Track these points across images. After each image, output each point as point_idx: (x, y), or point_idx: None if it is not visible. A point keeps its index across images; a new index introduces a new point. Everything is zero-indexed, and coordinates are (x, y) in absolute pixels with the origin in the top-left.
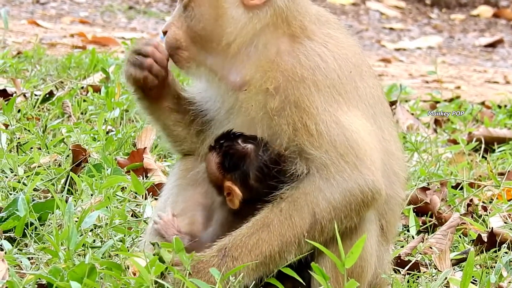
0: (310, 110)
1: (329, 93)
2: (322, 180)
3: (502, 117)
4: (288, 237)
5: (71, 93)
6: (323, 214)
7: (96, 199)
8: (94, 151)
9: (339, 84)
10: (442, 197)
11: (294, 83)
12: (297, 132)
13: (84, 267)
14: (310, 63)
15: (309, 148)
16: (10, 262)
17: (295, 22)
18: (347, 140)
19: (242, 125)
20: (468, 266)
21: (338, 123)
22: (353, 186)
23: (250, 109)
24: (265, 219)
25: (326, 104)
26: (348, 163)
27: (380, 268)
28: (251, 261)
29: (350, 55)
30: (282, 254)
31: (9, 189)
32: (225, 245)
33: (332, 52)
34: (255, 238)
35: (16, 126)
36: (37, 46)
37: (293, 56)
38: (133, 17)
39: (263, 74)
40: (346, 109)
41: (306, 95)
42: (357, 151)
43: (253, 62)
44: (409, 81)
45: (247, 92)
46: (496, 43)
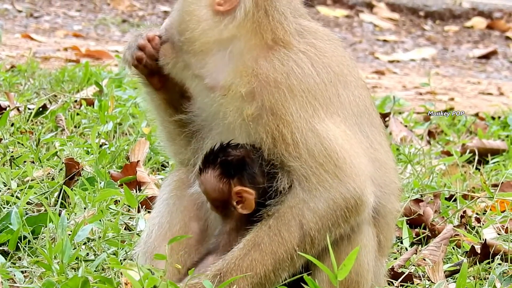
0: (286, 117)
1: (304, 98)
2: (304, 192)
3: (496, 128)
4: (280, 254)
5: (65, 106)
6: (311, 225)
7: (89, 212)
8: (88, 164)
9: (315, 89)
10: (435, 209)
11: (269, 88)
12: (275, 141)
13: (78, 280)
14: (285, 68)
15: (288, 160)
16: (4, 275)
17: (271, 34)
18: (325, 149)
19: (223, 132)
20: (461, 277)
21: (314, 131)
22: (335, 195)
23: (229, 115)
24: (256, 238)
25: (301, 110)
26: (328, 172)
27: (375, 282)
28: (247, 284)
29: (333, 64)
30: (277, 272)
31: (2, 202)
32: (219, 270)
33: (310, 59)
34: (248, 260)
35: (10, 140)
36: (30, 60)
37: (268, 61)
38: (127, 31)
39: (240, 79)
40: (323, 115)
41: (280, 101)
42: (336, 160)
43: (230, 68)
44: (402, 93)
45: (225, 97)
46: (490, 55)
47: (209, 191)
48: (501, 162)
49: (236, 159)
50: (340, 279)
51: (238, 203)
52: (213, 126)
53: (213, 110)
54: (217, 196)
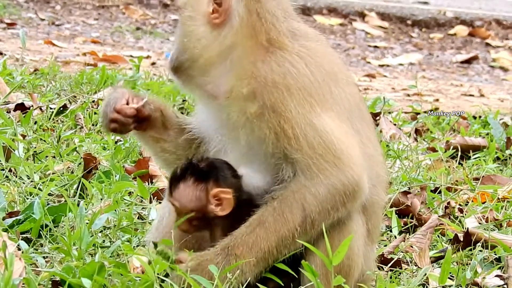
0: (286, 114)
1: (301, 95)
2: (307, 179)
3: (477, 127)
4: (283, 233)
5: (83, 106)
6: (312, 208)
7: (106, 203)
8: (104, 159)
9: (310, 87)
10: (422, 200)
11: (268, 88)
12: (278, 136)
13: (94, 265)
14: (281, 69)
15: (291, 152)
16: (27, 260)
17: (266, 36)
18: (323, 141)
19: (229, 133)
20: (445, 263)
21: (312, 125)
22: (334, 182)
23: (233, 115)
24: (261, 217)
25: (299, 107)
26: (328, 162)
27: (366, 266)
28: (252, 258)
29: (324, 63)
30: (279, 249)
31: (26, 194)
32: (227, 244)
33: (304, 59)
34: (253, 236)
35: (33, 137)
36: (52, 64)
37: (266, 64)
38: (140, 37)
39: (240, 82)
40: (319, 111)
41: (280, 100)
42: (334, 151)
43: (231, 74)
44: (392, 94)
45: (229, 98)
46: (472, 60)
47: (185, 204)
48: (482, 157)
49: (207, 165)
50: (335, 264)
51: (217, 206)
52: (217, 131)
53: (218, 114)
54: (194, 205)
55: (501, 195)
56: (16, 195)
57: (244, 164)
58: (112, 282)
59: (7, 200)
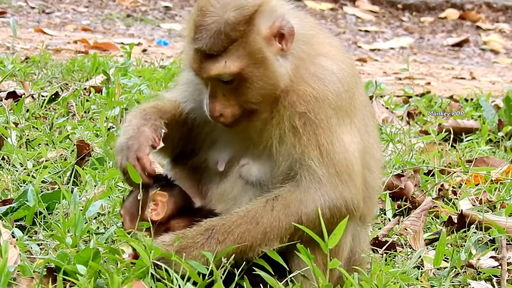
0: (321, 124)
1: (334, 107)
2: (316, 192)
3: (469, 109)
4: (272, 235)
5: (75, 93)
6: (308, 223)
7: (99, 189)
8: (97, 146)
9: (342, 100)
10: (415, 183)
11: (308, 98)
12: (307, 144)
13: (89, 251)
14: (319, 81)
15: (311, 161)
16: (21, 248)
17: (307, 52)
18: (345, 160)
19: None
20: (440, 245)
21: (340, 142)
22: (341, 203)
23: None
24: (256, 213)
25: (333, 118)
26: (341, 181)
27: (358, 247)
28: (233, 247)
29: (351, 71)
30: (262, 247)
31: (19, 181)
32: (213, 226)
33: (336, 75)
34: (242, 228)
35: (25, 125)
36: (43, 52)
37: (306, 76)
38: (131, 24)
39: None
40: (348, 124)
41: (317, 110)
42: (351, 172)
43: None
44: (383, 78)
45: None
46: (462, 43)
47: (130, 211)
48: (474, 140)
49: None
50: (330, 247)
51: (152, 211)
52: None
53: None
54: (135, 209)
55: (494, 177)
56: (9, 182)
57: (247, 156)
58: (107, 268)
59: (1, 188)
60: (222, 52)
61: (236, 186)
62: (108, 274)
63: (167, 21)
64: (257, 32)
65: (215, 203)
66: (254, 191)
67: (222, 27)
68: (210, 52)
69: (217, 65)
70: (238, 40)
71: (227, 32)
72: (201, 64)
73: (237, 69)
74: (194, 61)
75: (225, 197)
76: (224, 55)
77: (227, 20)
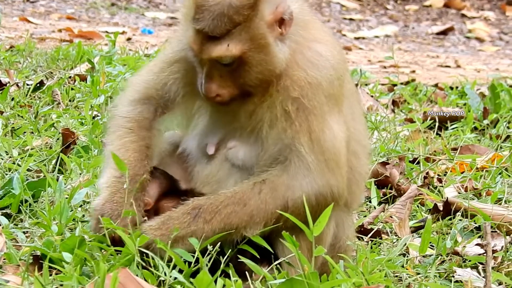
0: (314, 111)
1: (327, 94)
2: (304, 179)
3: (454, 97)
4: (258, 218)
5: (60, 82)
6: (294, 209)
7: (85, 177)
8: (82, 134)
9: (333, 87)
10: (400, 171)
11: (302, 84)
12: (298, 129)
13: (75, 239)
14: (313, 68)
15: (301, 147)
16: (7, 236)
17: (304, 37)
18: (334, 148)
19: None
20: (426, 232)
21: (330, 129)
22: (327, 191)
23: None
24: (243, 195)
25: (325, 106)
26: (329, 169)
27: (343, 234)
28: (219, 228)
29: (340, 58)
30: (248, 230)
31: (4, 169)
32: (200, 205)
33: (329, 61)
34: (229, 209)
35: (10, 113)
36: (28, 41)
37: (301, 61)
38: (115, 13)
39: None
40: (337, 112)
41: (310, 96)
42: (338, 160)
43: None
44: (368, 66)
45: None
46: (447, 31)
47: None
48: (460, 128)
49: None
50: (315, 234)
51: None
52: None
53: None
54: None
55: (479, 164)
56: None
57: (235, 138)
58: (93, 256)
59: None
60: (224, 35)
61: (222, 169)
62: (94, 262)
63: (152, 9)
64: (261, 17)
65: (200, 185)
66: (239, 174)
67: (226, 10)
68: (212, 34)
69: (219, 47)
70: (242, 24)
71: (230, 15)
72: (202, 45)
73: (239, 53)
74: (194, 41)
75: (210, 179)
76: (227, 38)
77: (231, 3)
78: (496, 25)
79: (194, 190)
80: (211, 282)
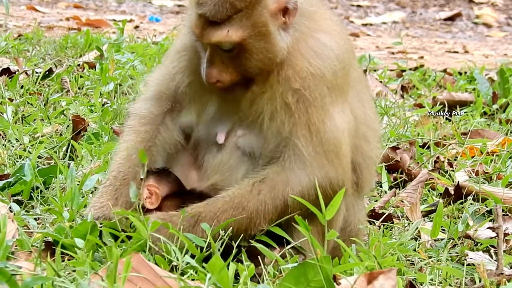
0: (314, 102)
1: (329, 85)
2: (302, 172)
3: (463, 82)
4: (257, 220)
5: (69, 70)
6: (295, 205)
7: (96, 164)
8: (92, 121)
9: (337, 77)
10: (411, 156)
11: (308, 81)
12: (297, 121)
13: (87, 225)
14: (317, 58)
15: (298, 140)
16: (19, 222)
17: (308, 27)
18: (334, 139)
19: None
20: (437, 216)
21: (332, 122)
22: (326, 183)
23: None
24: (242, 199)
25: (327, 97)
26: (328, 161)
27: (353, 218)
28: (218, 231)
29: (346, 46)
30: (248, 231)
31: (15, 157)
32: (200, 213)
33: (334, 50)
34: (228, 214)
35: (20, 101)
36: (36, 29)
37: (304, 51)
38: (122, 1)
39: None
40: (341, 107)
41: (312, 87)
42: (338, 151)
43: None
44: (376, 53)
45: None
46: (455, 17)
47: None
48: (469, 112)
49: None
50: (328, 218)
51: (146, 198)
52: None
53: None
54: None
55: (490, 149)
56: (5, 158)
57: (243, 126)
58: (105, 241)
59: None
60: (225, 21)
61: (233, 157)
62: (106, 247)
63: None
64: (264, 5)
65: (211, 173)
66: (250, 162)
67: None
68: (213, 19)
69: (219, 32)
70: (243, 11)
71: (232, 1)
72: (203, 30)
73: (239, 39)
74: (196, 26)
75: (221, 167)
76: (227, 24)
77: None
78: (503, 11)
79: (196, 190)
80: (223, 267)
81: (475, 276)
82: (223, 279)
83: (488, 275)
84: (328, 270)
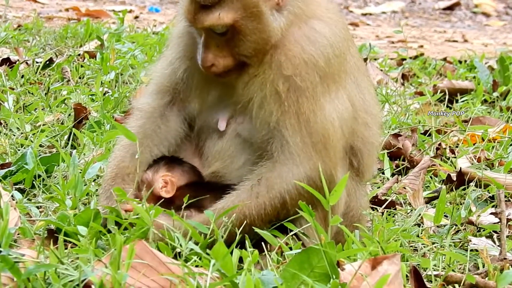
0: (306, 92)
1: (322, 75)
2: (293, 165)
3: (463, 71)
4: (259, 223)
5: (69, 59)
6: (292, 201)
7: (98, 151)
8: (93, 110)
9: (335, 71)
10: (413, 143)
11: (300, 68)
12: (286, 109)
13: (90, 212)
14: (311, 45)
15: (286, 131)
16: (21, 210)
17: (303, 10)
18: (323, 129)
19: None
20: (440, 202)
21: (322, 112)
22: (315, 175)
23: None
24: (243, 207)
25: (319, 86)
26: (316, 152)
27: (355, 203)
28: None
29: (343, 33)
30: (250, 233)
31: (17, 145)
32: (201, 223)
33: (330, 35)
34: (228, 220)
35: (21, 90)
36: (36, 19)
37: (299, 38)
38: None
39: (274, 52)
40: (334, 95)
41: (304, 76)
42: (327, 142)
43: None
44: (376, 42)
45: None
46: (454, 6)
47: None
48: (470, 100)
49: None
50: (332, 203)
51: (162, 187)
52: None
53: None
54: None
55: (491, 136)
56: (7, 146)
57: (242, 113)
58: (108, 228)
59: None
60: (216, 4)
61: (234, 144)
62: (109, 235)
63: None
64: None
65: (212, 160)
66: (251, 150)
67: None
68: (204, 3)
69: (211, 16)
70: None
71: None
72: (195, 15)
73: (231, 21)
74: (188, 11)
75: (222, 155)
76: (218, 7)
77: None
78: (502, 0)
79: (211, 181)
80: (227, 253)
81: (478, 262)
82: (227, 265)
83: (491, 261)
84: (332, 256)
